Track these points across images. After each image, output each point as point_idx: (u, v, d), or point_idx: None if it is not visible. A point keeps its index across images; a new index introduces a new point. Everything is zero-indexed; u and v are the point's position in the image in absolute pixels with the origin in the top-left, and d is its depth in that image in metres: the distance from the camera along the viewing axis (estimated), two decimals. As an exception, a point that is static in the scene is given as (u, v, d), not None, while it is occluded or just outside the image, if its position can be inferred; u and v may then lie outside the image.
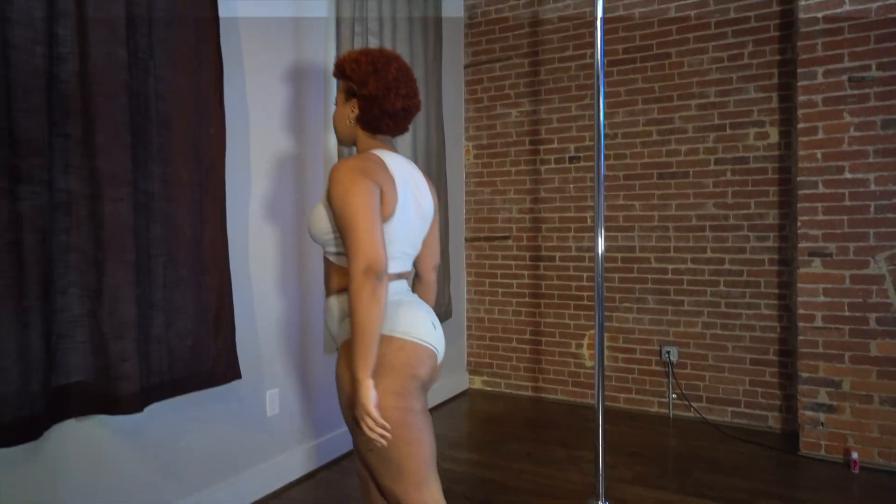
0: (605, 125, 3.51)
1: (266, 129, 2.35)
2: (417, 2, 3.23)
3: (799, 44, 2.78)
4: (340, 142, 1.50)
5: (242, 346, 2.19)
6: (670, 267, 3.34)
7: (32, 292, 1.47)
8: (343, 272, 1.36)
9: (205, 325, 1.92)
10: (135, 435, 1.82)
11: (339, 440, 2.71)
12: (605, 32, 3.52)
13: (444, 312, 3.37)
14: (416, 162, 3.19)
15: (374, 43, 2.87)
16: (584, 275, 3.57)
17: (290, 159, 2.47)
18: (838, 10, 2.74)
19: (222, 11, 2.18)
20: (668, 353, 3.30)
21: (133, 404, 1.62)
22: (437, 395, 3.55)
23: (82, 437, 1.69)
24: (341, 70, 1.41)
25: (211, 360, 1.91)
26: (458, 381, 3.80)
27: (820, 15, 2.77)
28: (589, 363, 3.57)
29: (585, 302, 3.56)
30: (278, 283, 2.38)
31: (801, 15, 2.79)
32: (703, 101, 3.28)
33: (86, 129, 1.65)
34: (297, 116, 2.51)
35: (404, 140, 3.10)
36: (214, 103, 2.04)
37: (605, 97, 3.53)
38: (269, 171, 2.36)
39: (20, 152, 1.48)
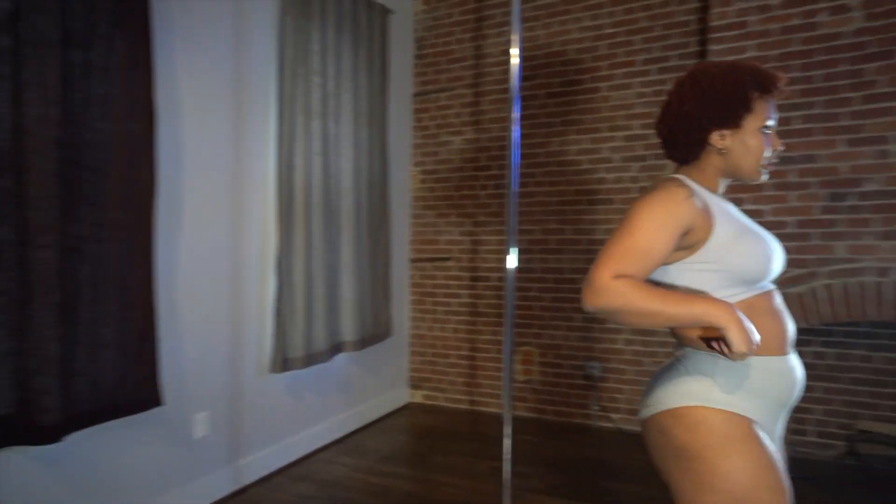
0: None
1: (203, 170, 2.53)
2: (363, 39, 3.43)
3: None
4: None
5: (171, 373, 2.36)
6: (597, 288, 3.56)
7: (-39, 333, 1.66)
8: None
9: (128, 357, 2.10)
10: (57, 462, 1.99)
11: (270, 457, 2.89)
12: (543, 66, 3.75)
13: (383, 331, 3.58)
14: (358, 186, 3.39)
15: (316, 82, 3.06)
16: (519, 294, 3.78)
17: (224, 195, 2.64)
18: (745, 55, 2.97)
19: (160, 59, 2.35)
20: (593, 367, 3.52)
21: (51, 435, 1.81)
22: (378, 409, 3.75)
23: (7, 468, 1.86)
24: None
25: (132, 390, 2.10)
26: (399, 396, 4.01)
27: (729, 59, 2.99)
28: (520, 377, 3.78)
29: (518, 320, 3.78)
30: (210, 315, 2.57)
31: (713, 59, 3.02)
32: (629, 133, 3.50)
33: (17, 181, 1.84)
34: (234, 157, 2.69)
35: (346, 166, 3.29)
36: (146, 150, 2.23)
37: (541, 128, 3.75)
38: (204, 208, 2.54)
39: (-49, 209, 1.66)
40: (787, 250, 2.88)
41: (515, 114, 2.45)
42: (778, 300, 1.24)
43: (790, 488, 1.20)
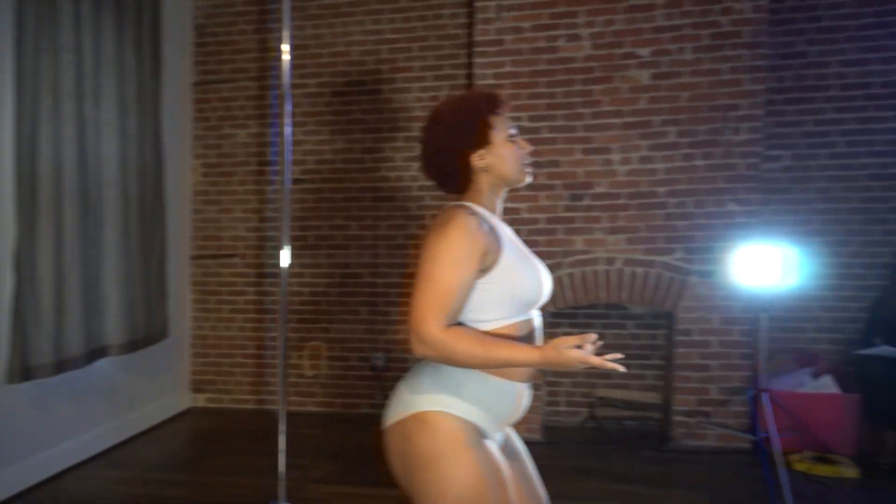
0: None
1: None
2: (129, 19, 3.17)
3: (468, 95, 3.32)
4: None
5: None
6: (380, 281, 3.72)
7: None
8: None
9: None
10: None
11: (7, 481, 2.54)
12: (329, 64, 3.81)
13: (157, 333, 3.36)
14: (126, 177, 3.14)
15: (68, 60, 2.76)
16: (307, 290, 3.80)
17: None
18: (503, 70, 3.32)
19: None
20: (378, 358, 3.67)
21: None
22: (152, 416, 3.50)
23: None
24: None
25: None
26: (178, 401, 3.79)
27: (490, 72, 3.33)
28: (308, 372, 3.81)
29: (305, 315, 3.80)
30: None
31: (477, 70, 3.34)
32: (408, 134, 3.71)
33: None
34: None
35: (110, 155, 3.02)
36: None
37: (327, 125, 3.81)
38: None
39: None
40: (539, 244, 3.29)
41: (287, 108, 2.48)
42: (537, 326, 1.35)
43: (522, 488, 1.35)
